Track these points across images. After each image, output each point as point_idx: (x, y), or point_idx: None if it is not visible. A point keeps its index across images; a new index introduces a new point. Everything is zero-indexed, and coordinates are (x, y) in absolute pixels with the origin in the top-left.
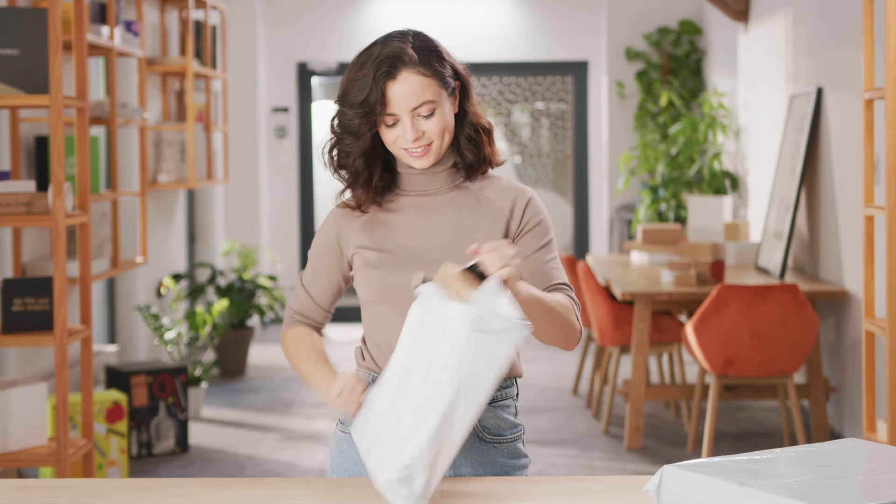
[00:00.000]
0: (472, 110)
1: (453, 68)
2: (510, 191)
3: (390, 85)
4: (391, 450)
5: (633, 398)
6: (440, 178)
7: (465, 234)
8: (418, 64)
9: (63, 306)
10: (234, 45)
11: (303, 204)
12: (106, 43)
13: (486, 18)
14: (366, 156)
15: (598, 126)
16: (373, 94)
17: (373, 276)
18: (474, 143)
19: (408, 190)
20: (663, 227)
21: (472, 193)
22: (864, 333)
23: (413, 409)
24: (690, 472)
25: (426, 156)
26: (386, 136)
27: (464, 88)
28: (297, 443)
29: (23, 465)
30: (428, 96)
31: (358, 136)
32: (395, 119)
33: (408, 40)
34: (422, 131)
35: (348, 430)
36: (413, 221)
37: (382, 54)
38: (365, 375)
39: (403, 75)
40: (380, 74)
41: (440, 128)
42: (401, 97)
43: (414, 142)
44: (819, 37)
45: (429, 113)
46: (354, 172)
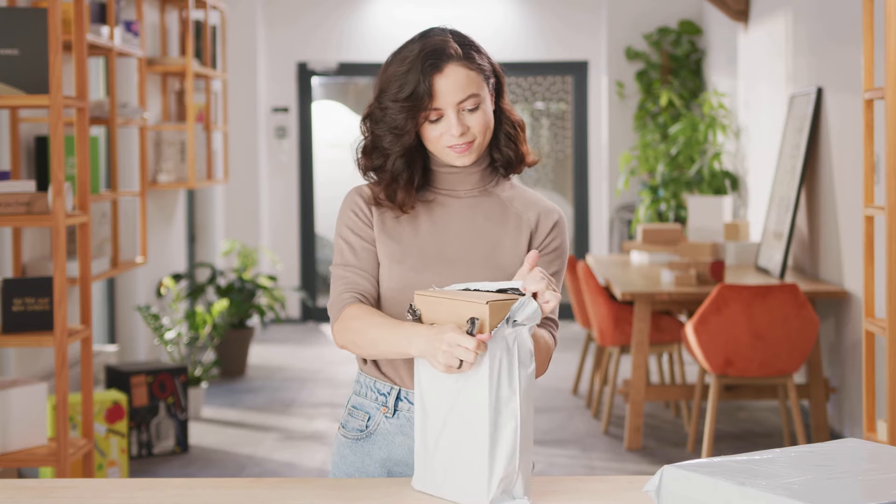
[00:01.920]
0: (506, 107)
1: (491, 64)
2: (539, 206)
3: (437, 78)
4: (474, 476)
5: (633, 398)
6: (473, 179)
7: (488, 239)
8: (463, 57)
9: (63, 306)
10: (234, 45)
11: (303, 204)
12: (106, 43)
13: (486, 18)
14: (406, 155)
15: (598, 126)
16: (420, 88)
17: (394, 272)
18: (512, 139)
19: (438, 188)
20: (663, 227)
21: (499, 201)
22: (864, 333)
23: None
24: (690, 472)
25: (468, 153)
26: (429, 133)
27: (499, 85)
28: (297, 443)
29: (23, 465)
30: (473, 90)
31: (402, 133)
32: (439, 114)
33: (448, 35)
34: (466, 126)
35: (350, 435)
36: (438, 220)
37: (427, 48)
38: (367, 381)
39: (450, 68)
40: (427, 67)
41: (483, 123)
42: (447, 90)
43: (460, 136)
44: (819, 37)
45: (473, 107)
46: (393, 173)
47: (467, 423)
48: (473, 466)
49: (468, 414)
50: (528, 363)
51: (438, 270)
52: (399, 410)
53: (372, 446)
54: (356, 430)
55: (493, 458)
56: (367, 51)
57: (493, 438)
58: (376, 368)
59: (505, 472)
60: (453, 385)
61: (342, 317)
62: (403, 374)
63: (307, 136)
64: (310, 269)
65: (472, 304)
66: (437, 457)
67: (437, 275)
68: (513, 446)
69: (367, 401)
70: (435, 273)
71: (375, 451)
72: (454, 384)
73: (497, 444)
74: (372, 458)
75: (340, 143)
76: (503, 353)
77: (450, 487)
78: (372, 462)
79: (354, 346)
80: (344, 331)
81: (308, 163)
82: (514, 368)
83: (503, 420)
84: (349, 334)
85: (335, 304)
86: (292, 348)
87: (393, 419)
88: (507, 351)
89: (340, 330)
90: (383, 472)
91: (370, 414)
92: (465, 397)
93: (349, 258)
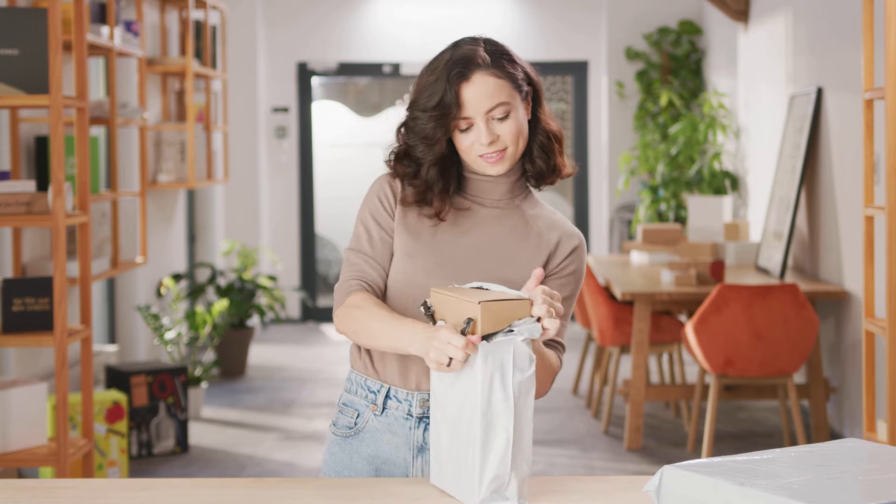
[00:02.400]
0: (543, 117)
1: (525, 73)
2: (561, 229)
3: (464, 87)
4: (468, 475)
5: (633, 398)
6: (502, 189)
7: (504, 253)
8: (491, 66)
9: (63, 306)
10: (234, 45)
11: (303, 204)
12: (106, 43)
13: (486, 18)
14: (440, 164)
15: (598, 126)
16: (447, 97)
17: (405, 266)
18: (546, 150)
19: (466, 193)
20: (663, 227)
21: (523, 217)
22: (864, 333)
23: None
24: (690, 472)
25: (501, 161)
26: (461, 143)
27: (536, 94)
28: (297, 443)
29: (23, 465)
30: (502, 98)
31: (432, 143)
32: (469, 123)
33: (479, 44)
34: (497, 135)
35: (339, 432)
36: (460, 226)
37: (455, 57)
38: (358, 378)
39: (477, 77)
40: (453, 76)
41: (515, 132)
42: (475, 99)
43: (489, 145)
44: (819, 37)
45: (503, 115)
46: (427, 181)
47: (466, 423)
48: (468, 466)
49: (467, 414)
50: (525, 368)
51: (447, 274)
52: (388, 409)
53: (360, 443)
54: (345, 427)
55: (484, 459)
56: (367, 51)
57: (484, 439)
58: (370, 365)
59: (496, 473)
60: (459, 384)
61: (346, 303)
62: (394, 373)
63: (307, 136)
64: (310, 269)
65: (468, 304)
66: (446, 454)
67: (446, 279)
68: (505, 448)
69: (357, 398)
70: (443, 277)
71: (363, 448)
72: (460, 384)
73: (488, 445)
74: (360, 455)
75: (340, 143)
76: (499, 357)
77: (454, 485)
78: (360, 459)
79: (354, 335)
80: (346, 318)
81: (308, 163)
82: (507, 372)
83: (496, 422)
84: (350, 322)
85: (341, 288)
86: (292, 348)
87: (381, 417)
88: (503, 355)
89: (342, 316)
90: (370, 469)
91: (359, 411)
92: (466, 398)
93: (365, 245)
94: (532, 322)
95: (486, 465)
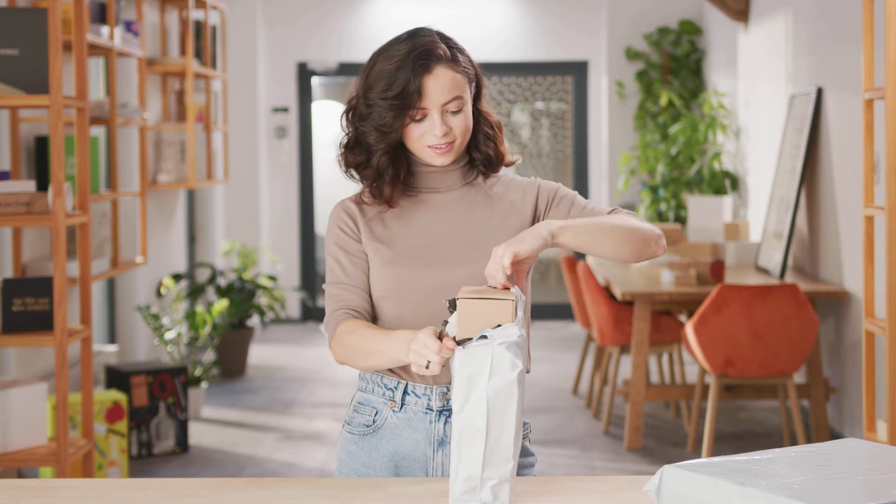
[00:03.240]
0: (484, 108)
1: (472, 66)
2: (517, 184)
3: (426, 78)
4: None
5: (633, 398)
6: (453, 175)
7: (477, 228)
8: (450, 60)
9: (63, 306)
10: (234, 45)
11: (303, 204)
12: (106, 43)
13: (486, 18)
14: (390, 153)
15: (598, 126)
16: (410, 86)
17: (386, 273)
18: (492, 139)
19: (419, 187)
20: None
21: (482, 190)
22: (864, 333)
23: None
24: (690, 472)
25: (448, 153)
26: (411, 132)
27: (478, 87)
28: (297, 443)
29: (23, 465)
30: (458, 92)
31: (388, 131)
32: (423, 114)
33: (435, 37)
34: (449, 127)
35: (356, 431)
36: (425, 218)
37: (417, 47)
38: (373, 377)
39: (438, 70)
40: (417, 67)
41: (464, 125)
42: (434, 91)
43: (442, 137)
44: (819, 37)
45: (457, 109)
46: (378, 169)
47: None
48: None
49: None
50: (505, 372)
51: (433, 265)
52: (406, 404)
53: (379, 441)
54: (362, 425)
55: (459, 459)
56: (367, 51)
57: (457, 441)
58: None
59: (469, 474)
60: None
61: (337, 334)
62: (410, 368)
63: (307, 136)
64: (310, 269)
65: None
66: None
67: (433, 269)
68: (478, 450)
69: (374, 396)
70: (430, 268)
71: (383, 445)
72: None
73: (462, 447)
74: (379, 452)
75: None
76: (476, 362)
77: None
78: (379, 457)
79: (352, 361)
80: (340, 347)
81: (308, 163)
82: (482, 377)
83: (470, 425)
84: (345, 350)
85: (329, 322)
86: (292, 348)
87: (400, 413)
88: (480, 360)
89: (337, 347)
90: (390, 467)
91: (377, 409)
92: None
93: (339, 275)
94: (510, 327)
95: (460, 465)
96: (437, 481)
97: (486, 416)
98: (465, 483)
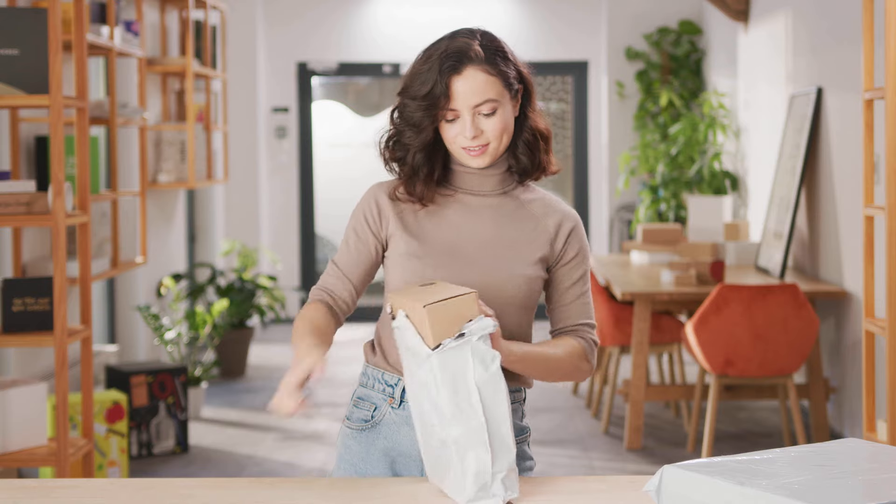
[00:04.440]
0: (532, 115)
1: (518, 71)
2: (557, 212)
3: (455, 79)
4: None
5: (633, 398)
6: (492, 180)
7: (504, 241)
8: (484, 62)
9: (63, 306)
10: (234, 45)
11: (303, 204)
12: (106, 43)
13: (486, 18)
14: (426, 150)
15: (598, 126)
16: (437, 87)
17: (408, 266)
18: (531, 147)
19: (458, 186)
20: (663, 227)
21: (519, 204)
22: (864, 333)
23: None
24: (690, 472)
25: (482, 155)
26: (446, 133)
27: (527, 92)
28: (297, 443)
29: (23, 465)
30: (490, 95)
31: (420, 130)
32: (455, 115)
33: (475, 38)
34: (481, 130)
35: (355, 426)
36: (457, 218)
37: (449, 49)
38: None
39: (468, 71)
40: (445, 68)
41: (499, 129)
42: (464, 93)
43: (472, 139)
44: (819, 37)
45: (490, 112)
46: (413, 166)
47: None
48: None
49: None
50: (488, 364)
51: (453, 268)
52: (405, 402)
53: (377, 436)
54: (361, 420)
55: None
56: (367, 51)
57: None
58: (384, 360)
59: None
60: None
61: (301, 312)
62: None
63: (307, 136)
64: (310, 269)
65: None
66: (433, 453)
67: (452, 272)
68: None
69: (374, 392)
70: (450, 270)
71: (380, 440)
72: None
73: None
74: (376, 447)
75: (340, 143)
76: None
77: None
78: (375, 451)
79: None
80: (296, 322)
81: (308, 163)
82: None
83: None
84: (294, 328)
85: (311, 293)
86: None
87: (399, 410)
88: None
89: (296, 320)
90: (386, 462)
91: (376, 404)
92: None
93: (342, 257)
94: (482, 319)
95: (466, 464)
96: None
97: (482, 412)
98: (476, 480)
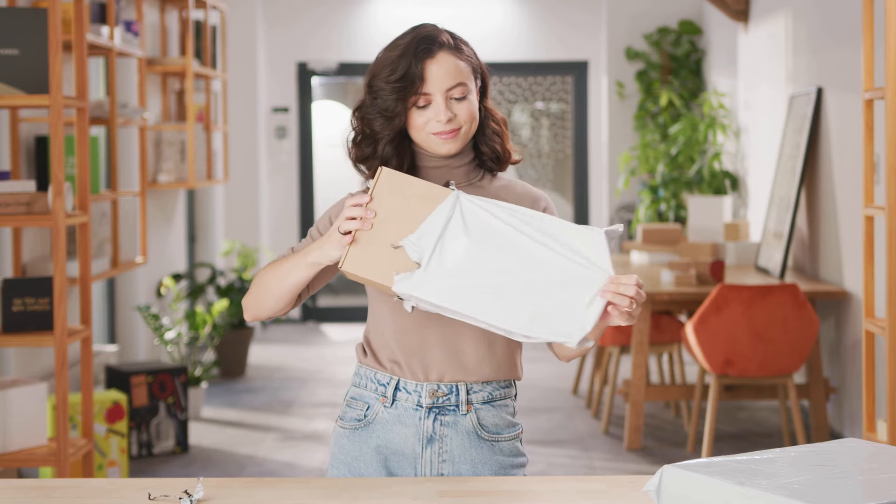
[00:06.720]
0: (490, 107)
1: (478, 61)
2: (527, 195)
3: (428, 63)
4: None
5: (633, 398)
6: (458, 173)
7: None
8: (454, 48)
9: (63, 306)
10: (234, 45)
11: (303, 204)
12: (106, 43)
13: (486, 18)
14: (395, 142)
15: (598, 126)
16: (412, 70)
17: None
18: (499, 135)
19: None
20: (663, 227)
21: (489, 193)
22: (864, 333)
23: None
24: (690, 472)
25: (454, 139)
26: (415, 120)
27: (484, 84)
28: (297, 443)
29: (23, 465)
30: (462, 78)
31: (392, 116)
32: (427, 100)
33: (440, 29)
34: (454, 114)
35: (347, 425)
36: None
37: (420, 34)
38: (367, 373)
39: (441, 55)
40: (420, 52)
41: (469, 113)
42: (438, 76)
43: (446, 123)
44: (819, 37)
45: (461, 96)
46: (383, 158)
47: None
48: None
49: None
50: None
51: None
52: (398, 400)
53: (369, 435)
54: (354, 419)
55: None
56: (367, 51)
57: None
58: (376, 361)
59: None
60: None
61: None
62: (403, 366)
63: (307, 136)
64: None
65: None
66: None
67: None
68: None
69: (367, 391)
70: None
71: (372, 439)
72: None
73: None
74: (368, 445)
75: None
76: (475, 204)
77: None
78: (368, 450)
79: (256, 302)
80: (251, 291)
81: (308, 163)
82: (499, 204)
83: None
84: (249, 296)
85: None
86: (292, 348)
87: (391, 409)
88: (474, 203)
89: (247, 295)
90: (379, 459)
91: (369, 404)
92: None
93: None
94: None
95: (520, 304)
96: (437, 481)
97: (553, 221)
98: (592, 306)
